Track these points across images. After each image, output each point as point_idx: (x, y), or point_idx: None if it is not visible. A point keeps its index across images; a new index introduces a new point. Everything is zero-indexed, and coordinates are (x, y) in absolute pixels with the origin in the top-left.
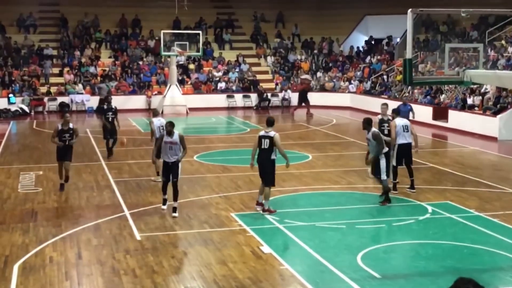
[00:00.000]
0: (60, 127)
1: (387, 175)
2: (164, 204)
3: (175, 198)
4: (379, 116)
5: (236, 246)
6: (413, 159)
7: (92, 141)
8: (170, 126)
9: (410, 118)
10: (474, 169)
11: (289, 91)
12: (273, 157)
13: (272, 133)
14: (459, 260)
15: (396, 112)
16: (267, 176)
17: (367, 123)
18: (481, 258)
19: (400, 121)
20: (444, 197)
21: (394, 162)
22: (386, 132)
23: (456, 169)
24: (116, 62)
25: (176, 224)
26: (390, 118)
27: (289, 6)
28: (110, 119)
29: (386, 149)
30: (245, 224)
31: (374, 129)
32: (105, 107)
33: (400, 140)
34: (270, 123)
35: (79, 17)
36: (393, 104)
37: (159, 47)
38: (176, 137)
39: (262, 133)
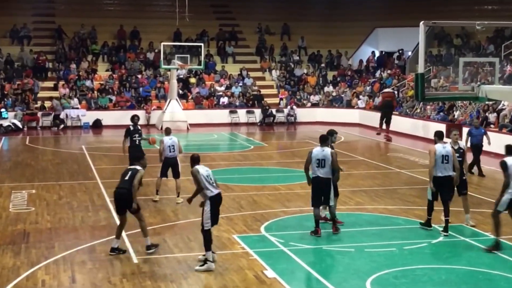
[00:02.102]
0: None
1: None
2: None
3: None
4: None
5: (239, 270)
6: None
7: (87, 158)
8: None
9: (485, 143)
10: (490, 190)
11: (294, 107)
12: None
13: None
14: (474, 286)
15: (439, 136)
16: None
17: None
18: (498, 284)
19: (441, 149)
20: (458, 219)
21: (429, 196)
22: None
23: (471, 190)
24: (114, 75)
25: (175, 246)
26: (462, 146)
27: (295, 17)
28: (137, 142)
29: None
30: (248, 247)
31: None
32: (132, 128)
33: (436, 173)
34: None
35: (76, 29)
36: (406, 121)
37: (159, 60)
38: None
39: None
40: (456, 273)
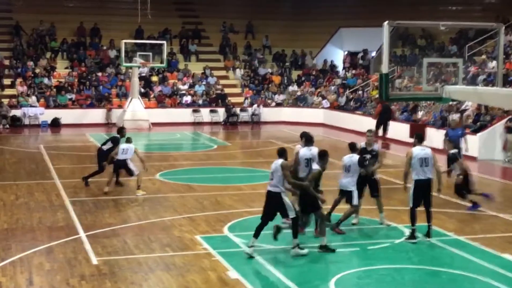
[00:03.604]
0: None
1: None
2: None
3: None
4: (362, 144)
5: (201, 271)
6: (389, 179)
7: (46, 158)
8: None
9: (462, 147)
10: (453, 190)
11: (261, 106)
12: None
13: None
14: (437, 286)
15: (419, 139)
16: None
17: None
18: (461, 284)
19: (419, 151)
20: (421, 219)
21: (410, 203)
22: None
23: (434, 190)
24: (73, 73)
25: (136, 247)
26: (375, 148)
27: (259, 16)
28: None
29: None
30: (211, 248)
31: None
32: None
33: (417, 176)
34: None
35: (34, 25)
36: (369, 121)
37: (120, 58)
38: None
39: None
40: (420, 273)
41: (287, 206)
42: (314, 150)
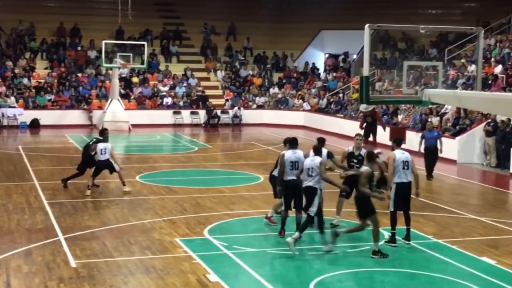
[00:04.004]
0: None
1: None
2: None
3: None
4: (350, 148)
5: (181, 274)
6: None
7: (24, 159)
8: None
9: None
10: (432, 193)
11: (242, 108)
12: (274, 172)
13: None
14: None
15: (397, 143)
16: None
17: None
18: (439, 286)
19: (400, 155)
20: (400, 222)
21: (391, 207)
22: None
23: (413, 193)
24: (53, 73)
25: (116, 250)
26: (362, 153)
27: (241, 18)
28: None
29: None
30: (191, 251)
31: None
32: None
33: (399, 179)
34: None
35: (13, 25)
36: (350, 124)
37: (100, 58)
38: None
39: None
40: (399, 275)
41: (315, 202)
42: (299, 153)
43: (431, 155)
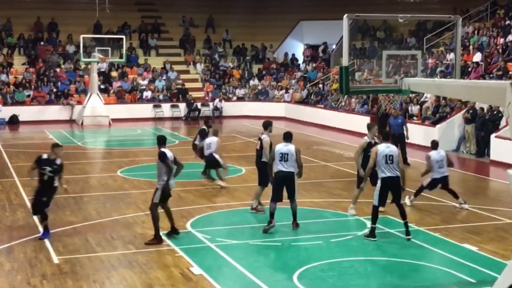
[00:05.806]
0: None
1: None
2: None
3: None
4: (366, 139)
5: (164, 268)
6: (350, 171)
7: (4, 156)
8: None
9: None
10: (414, 182)
11: (223, 100)
12: (263, 159)
13: (263, 136)
14: (400, 277)
15: (384, 136)
16: (259, 175)
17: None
18: (423, 275)
19: (384, 148)
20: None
21: (376, 202)
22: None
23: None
24: (31, 69)
25: (98, 245)
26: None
27: (219, 10)
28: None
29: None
30: (174, 244)
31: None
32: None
33: (383, 173)
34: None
35: None
36: (331, 114)
37: (79, 53)
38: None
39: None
40: (382, 264)
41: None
42: (290, 147)
43: (398, 142)
